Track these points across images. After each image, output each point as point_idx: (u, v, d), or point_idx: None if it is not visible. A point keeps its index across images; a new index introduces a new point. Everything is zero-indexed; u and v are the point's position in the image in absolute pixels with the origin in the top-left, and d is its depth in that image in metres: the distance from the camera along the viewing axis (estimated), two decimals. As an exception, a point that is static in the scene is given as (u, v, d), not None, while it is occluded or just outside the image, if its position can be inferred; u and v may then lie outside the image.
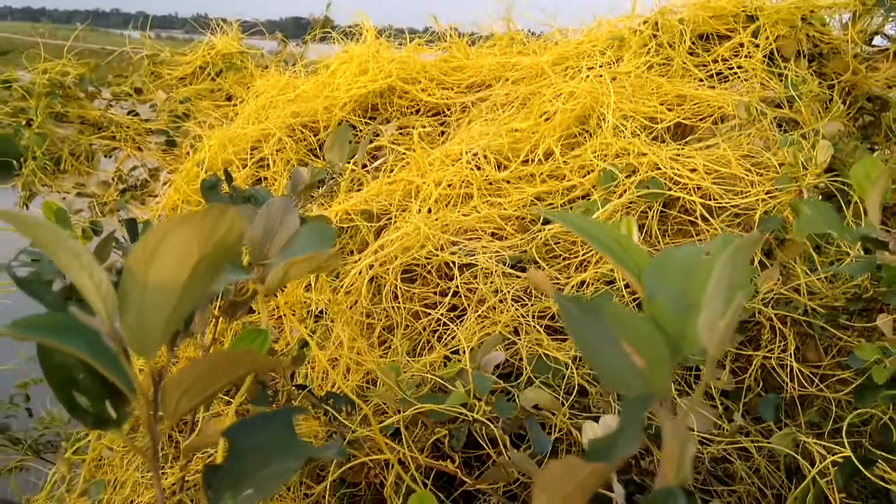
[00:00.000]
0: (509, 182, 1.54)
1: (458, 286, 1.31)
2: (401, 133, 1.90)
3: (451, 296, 1.32)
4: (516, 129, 1.65)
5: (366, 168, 1.77)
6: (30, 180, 2.13)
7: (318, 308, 1.36)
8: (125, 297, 0.34)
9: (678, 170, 1.41)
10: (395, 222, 1.48)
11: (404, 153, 1.73)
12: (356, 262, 1.39)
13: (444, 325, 1.29)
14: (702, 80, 1.80)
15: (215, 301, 0.70)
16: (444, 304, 1.31)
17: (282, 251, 0.62)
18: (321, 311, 1.36)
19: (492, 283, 1.29)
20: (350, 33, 2.31)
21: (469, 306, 1.29)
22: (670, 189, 1.39)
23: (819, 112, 1.69)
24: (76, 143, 2.30)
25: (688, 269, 0.36)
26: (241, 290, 0.69)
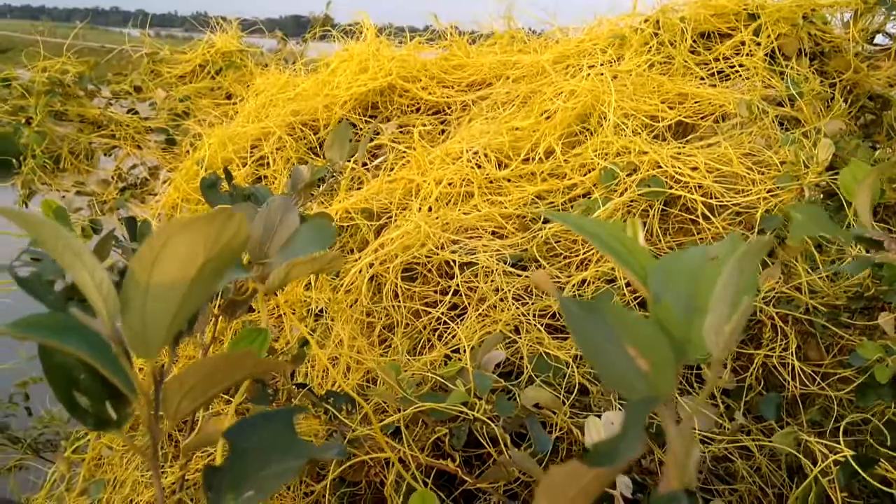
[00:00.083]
0: (510, 180, 1.54)
1: (458, 285, 1.30)
2: (401, 131, 1.89)
3: (451, 294, 1.31)
4: (517, 128, 1.65)
5: (366, 166, 1.76)
6: (29, 179, 2.13)
7: (318, 307, 1.36)
8: (128, 299, 0.34)
9: (679, 168, 1.40)
10: (395, 221, 1.48)
11: (405, 151, 1.72)
12: (356, 260, 1.38)
13: (445, 323, 1.29)
14: (703, 79, 1.80)
15: (215, 299, 0.70)
16: (445, 303, 1.31)
17: (282, 250, 0.62)
18: (321, 310, 1.36)
19: (492, 281, 1.28)
20: (350, 31, 2.31)
21: (470, 305, 1.28)
22: (671, 187, 1.38)
23: (820, 110, 1.69)
24: (76, 141, 2.30)
25: (694, 273, 0.36)
26: (240, 288, 0.68)
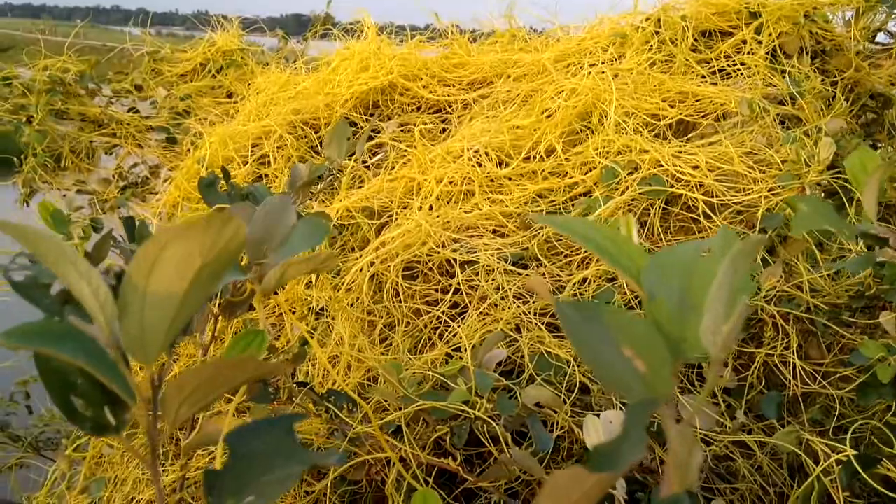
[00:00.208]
0: (511, 179, 1.54)
1: (459, 283, 1.30)
2: (402, 130, 1.89)
3: (452, 293, 1.31)
4: (518, 126, 1.65)
5: (367, 165, 1.76)
6: (30, 177, 2.13)
7: (319, 305, 1.36)
8: (126, 305, 0.34)
9: (680, 167, 1.40)
10: (396, 219, 1.48)
11: (406, 150, 1.72)
12: (357, 259, 1.38)
13: (446, 322, 1.29)
14: (704, 77, 1.79)
15: (214, 300, 0.70)
16: (446, 302, 1.31)
17: (278, 249, 0.62)
18: (322, 309, 1.36)
19: (493, 280, 1.28)
20: (351, 30, 2.30)
21: (470, 303, 1.28)
22: (672, 186, 1.38)
23: (822, 109, 1.68)
24: (77, 140, 2.30)
25: (688, 268, 0.36)
26: (239, 289, 0.68)
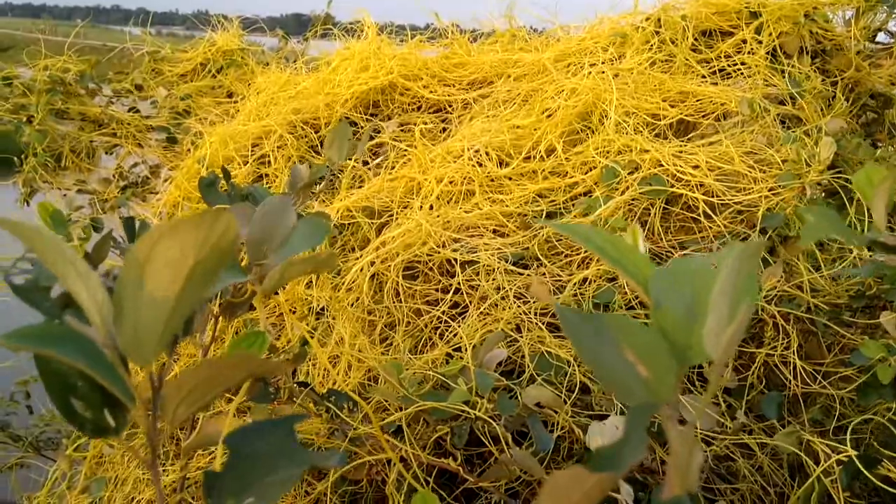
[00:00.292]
0: (511, 179, 1.54)
1: (459, 283, 1.30)
2: (402, 130, 1.89)
3: (452, 293, 1.31)
4: (518, 126, 1.65)
5: (367, 165, 1.76)
6: (31, 177, 2.13)
7: (319, 305, 1.36)
8: (121, 306, 0.34)
9: (681, 166, 1.40)
10: (396, 219, 1.48)
11: (406, 150, 1.72)
12: (358, 259, 1.38)
13: (446, 322, 1.29)
14: (704, 77, 1.79)
15: (215, 300, 0.70)
16: (446, 302, 1.31)
17: (278, 250, 0.62)
18: (322, 309, 1.36)
19: (494, 280, 1.28)
20: (351, 30, 2.30)
21: (471, 303, 1.28)
22: (673, 186, 1.38)
23: (822, 109, 1.68)
24: (77, 139, 2.30)
25: (695, 280, 0.36)
26: (239, 289, 0.68)
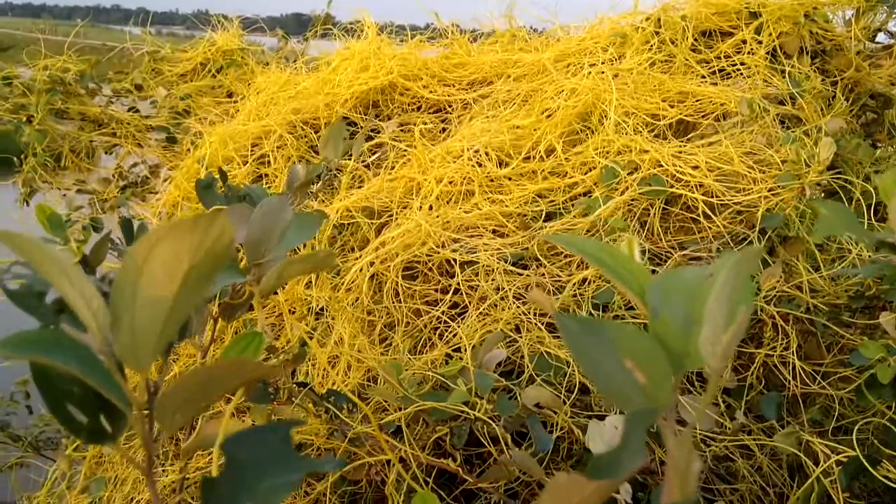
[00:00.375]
0: (511, 179, 1.54)
1: (459, 283, 1.30)
2: (402, 130, 1.89)
3: (452, 293, 1.31)
4: (518, 126, 1.65)
5: (366, 165, 1.76)
6: (30, 177, 2.13)
7: (318, 305, 1.36)
8: (116, 312, 0.33)
9: (680, 167, 1.40)
10: (396, 219, 1.48)
11: (406, 150, 1.72)
12: (357, 259, 1.38)
13: (446, 322, 1.29)
14: (704, 77, 1.79)
15: (214, 301, 0.70)
16: (446, 302, 1.31)
17: (275, 250, 0.62)
18: (322, 309, 1.36)
19: (493, 280, 1.28)
20: (351, 30, 2.31)
21: (470, 304, 1.28)
22: (672, 186, 1.38)
23: (822, 109, 1.68)
24: (77, 139, 2.30)
25: (692, 290, 0.36)
26: (238, 290, 0.68)
